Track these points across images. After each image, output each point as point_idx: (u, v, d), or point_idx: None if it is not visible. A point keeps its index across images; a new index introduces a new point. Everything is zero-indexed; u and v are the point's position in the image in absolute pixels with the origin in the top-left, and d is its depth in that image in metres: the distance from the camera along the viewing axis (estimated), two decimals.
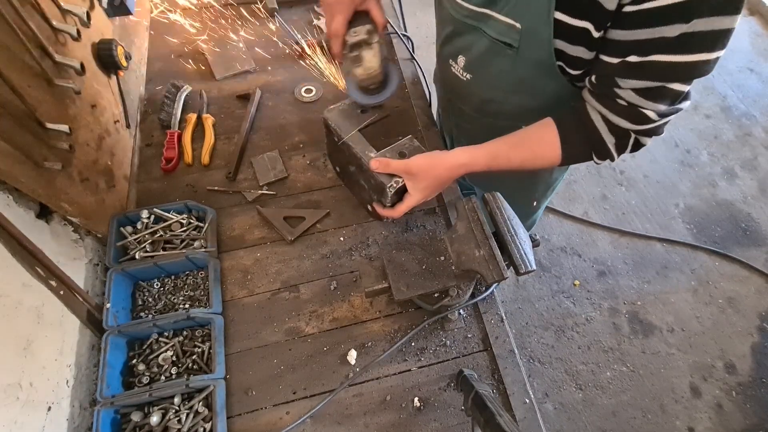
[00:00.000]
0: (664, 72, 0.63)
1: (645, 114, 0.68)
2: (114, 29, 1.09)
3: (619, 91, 0.68)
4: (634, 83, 0.66)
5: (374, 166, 0.83)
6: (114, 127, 1.01)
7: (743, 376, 1.88)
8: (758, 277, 2.11)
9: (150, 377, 0.83)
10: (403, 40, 1.32)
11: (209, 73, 1.26)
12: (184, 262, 0.91)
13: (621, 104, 0.69)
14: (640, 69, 0.64)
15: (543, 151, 0.79)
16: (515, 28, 0.71)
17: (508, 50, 0.75)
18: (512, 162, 0.80)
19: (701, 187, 2.37)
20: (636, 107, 0.68)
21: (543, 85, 0.80)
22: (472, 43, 0.81)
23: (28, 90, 0.73)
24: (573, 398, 1.82)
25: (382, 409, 0.82)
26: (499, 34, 0.74)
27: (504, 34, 0.74)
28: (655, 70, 0.63)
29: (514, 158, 0.80)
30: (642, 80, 0.65)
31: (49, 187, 0.76)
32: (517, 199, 1.01)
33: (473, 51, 0.82)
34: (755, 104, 2.68)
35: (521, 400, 0.83)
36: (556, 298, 2.04)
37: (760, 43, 2.96)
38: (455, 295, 0.85)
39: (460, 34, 0.83)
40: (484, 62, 0.82)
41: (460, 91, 0.95)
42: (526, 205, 1.23)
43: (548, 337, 1.95)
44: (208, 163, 1.10)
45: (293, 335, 0.89)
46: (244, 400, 0.82)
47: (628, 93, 0.67)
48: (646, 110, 0.68)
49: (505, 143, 0.80)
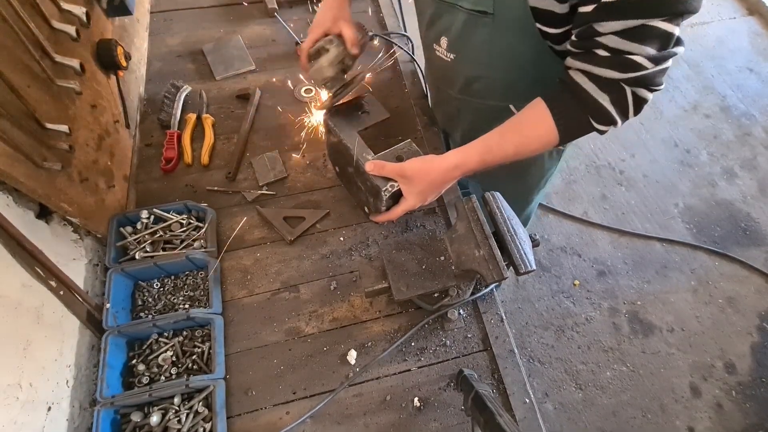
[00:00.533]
0: (641, 7, 0.61)
1: (633, 60, 0.65)
2: (114, 29, 1.09)
3: (600, 39, 0.66)
4: (613, 25, 0.64)
5: (369, 169, 0.83)
6: (114, 127, 1.01)
7: (743, 376, 1.88)
8: (758, 276, 2.11)
9: (150, 377, 0.83)
10: (395, 44, 1.32)
11: (209, 73, 1.26)
12: (184, 263, 0.91)
13: (603, 55, 0.68)
14: (615, 8, 0.63)
15: (537, 132, 0.76)
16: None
17: (485, 18, 0.75)
18: (506, 150, 0.78)
19: (701, 187, 2.37)
20: (621, 53, 0.66)
21: (525, 52, 0.79)
22: (451, 22, 0.82)
23: (28, 90, 0.73)
24: (573, 398, 1.82)
25: (382, 409, 0.82)
26: (474, 4, 0.75)
27: (478, 3, 0.75)
28: (631, 6, 0.61)
29: (508, 146, 0.78)
30: (620, 20, 0.63)
31: (49, 188, 0.76)
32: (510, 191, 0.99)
33: (453, 29, 0.83)
34: (755, 104, 2.68)
35: (521, 400, 0.83)
36: (555, 298, 2.04)
37: (760, 43, 2.96)
38: (455, 295, 0.85)
39: (440, 15, 0.84)
40: (464, 38, 0.83)
41: (446, 74, 0.96)
42: (519, 197, 1.21)
43: (548, 336, 1.95)
44: (208, 163, 1.10)
45: (293, 335, 0.89)
46: (244, 400, 0.82)
47: (610, 38, 0.66)
48: (634, 55, 0.65)
49: (495, 133, 0.79)
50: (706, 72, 2.82)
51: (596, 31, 0.66)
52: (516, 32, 0.75)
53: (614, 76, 0.69)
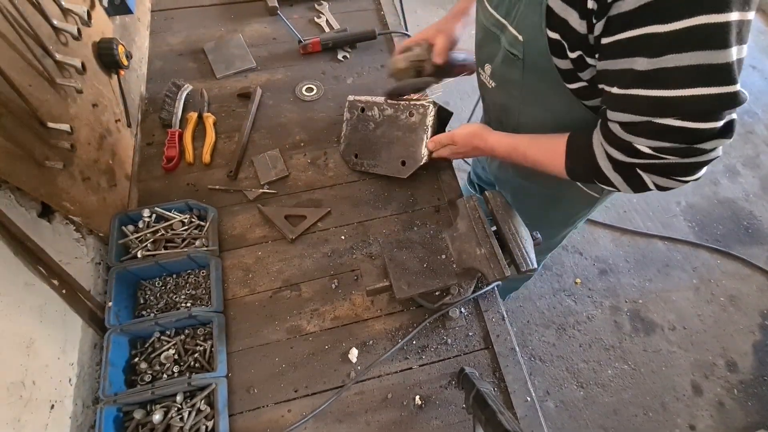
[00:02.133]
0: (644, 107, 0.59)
1: (635, 147, 0.64)
2: (115, 28, 1.09)
3: (609, 123, 0.66)
4: (620, 116, 0.63)
5: (430, 147, 0.99)
6: (115, 126, 1.01)
7: (744, 374, 1.88)
8: (760, 275, 2.10)
9: (152, 375, 0.83)
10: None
11: (210, 72, 1.26)
12: (186, 261, 0.92)
13: (615, 133, 0.67)
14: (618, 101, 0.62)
15: (551, 158, 0.81)
16: (519, 40, 0.73)
17: (517, 61, 0.76)
18: (527, 158, 0.85)
19: (703, 185, 2.36)
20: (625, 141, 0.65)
21: (552, 97, 0.79)
22: (495, 51, 0.82)
23: (30, 89, 0.73)
24: (574, 396, 1.82)
25: (384, 407, 0.82)
26: (510, 45, 0.76)
27: (512, 45, 0.75)
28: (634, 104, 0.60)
29: (530, 155, 0.84)
30: (623, 113, 0.62)
31: (51, 187, 0.76)
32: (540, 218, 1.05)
33: (496, 60, 0.83)
34: (757, 102, 2.67)
35: (522, 398, 0.83)
36: (557, 297, 2.04)
37: (763, 41, 2.94)
38: (456, 294, 0.85)
39: (487, 41, 0.85)
40: (502, 71, 0.83)
41: (487, 99, 1.00)
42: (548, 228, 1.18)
43: (549, 335, 1.95)
44: (209, 162, 1.10)
45: (294, 334, 0.89)
46: (246, 398, 0.83)
47: (615, 126, 0.65)
48: (637, 145, 0.64)
49: (525, 138, 0.86)
50: None
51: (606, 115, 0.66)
52: (542, 79, 0.75)
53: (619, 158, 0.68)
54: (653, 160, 0.65)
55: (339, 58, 1.30)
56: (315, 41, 1.29)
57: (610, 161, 0.70)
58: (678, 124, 0.58)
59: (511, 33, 0.74)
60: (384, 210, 1.04)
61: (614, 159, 0.69)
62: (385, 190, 1.07)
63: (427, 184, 1.08)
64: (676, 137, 0.60)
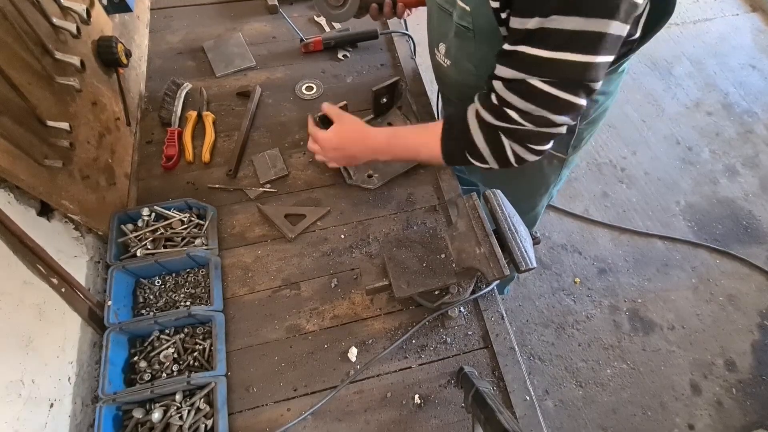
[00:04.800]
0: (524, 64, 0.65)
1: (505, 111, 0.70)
2: (114, 26, 1.09)
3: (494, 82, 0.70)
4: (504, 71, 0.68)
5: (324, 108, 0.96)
6: (114, 124, 1.01)
7: (743, 374, 1.88)
8: (759, 274, 2.11)
9: (151, 374, 0.83)
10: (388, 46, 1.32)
11: (209, 71, 1.26)
12: (185, 260, 0.91)
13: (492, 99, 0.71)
14: (508, 57, 0.67)
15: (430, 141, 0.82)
16: (467, 11, 0.75)
17: (468, 33, 0.79)
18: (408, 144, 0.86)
19: (702, 185, 2.36)
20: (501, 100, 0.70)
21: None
22: (448, 29, 0.84)
23: (29, 88, 0.73)
24: (573, 395, 1.82)
25: (383, 406, 0.83)
26: (459, 18, 0.78)
27: (462, 18, 0.78)
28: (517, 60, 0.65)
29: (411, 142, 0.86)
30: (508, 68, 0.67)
31: (50, 185, 0.76)
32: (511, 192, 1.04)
33: (449, 37, 0.85)
34: (757, 101, 2.67)
35: (521, 398, 0.83)
36: (556, 296, 2.04)
37: (763, 40, 2.94)
38: (456, 293, 0.85)
39: (440, 21, 0.87)
40: (456, 47, 0.86)
41: (445, 79, 1.00)
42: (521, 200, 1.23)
43: (548, 334, 1.95)
44: (209, 160, 1.10)
45: (294, 333, 0.89)
46: (245, 397, 0.83)
47: (498, 83, 0.69)
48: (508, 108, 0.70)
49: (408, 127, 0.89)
50: (709, 69, 2.81)
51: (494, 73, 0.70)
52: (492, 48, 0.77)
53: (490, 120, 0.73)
54: (516, 126, 0.71)
55: (339, 56, 1.30)
56: (317, 40, 1.28)
57: (481, 130, 0.75)
58: (546, 88, 0.65)
59: (461, 6, 0.77)
60: (383, 209, 1.04)
61: (486, 123, 0.73)
62: (385, 189, 1.07)
63: (426, 183, 1.08)
64: (540, 102, 0.67)
